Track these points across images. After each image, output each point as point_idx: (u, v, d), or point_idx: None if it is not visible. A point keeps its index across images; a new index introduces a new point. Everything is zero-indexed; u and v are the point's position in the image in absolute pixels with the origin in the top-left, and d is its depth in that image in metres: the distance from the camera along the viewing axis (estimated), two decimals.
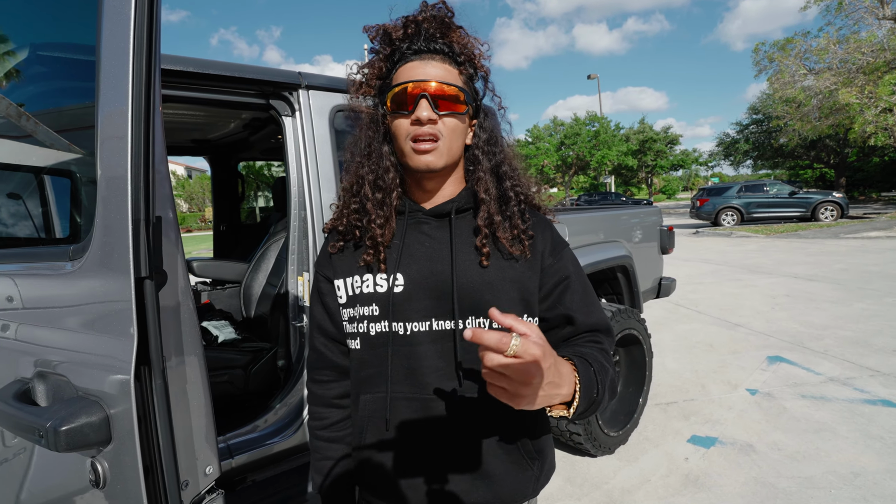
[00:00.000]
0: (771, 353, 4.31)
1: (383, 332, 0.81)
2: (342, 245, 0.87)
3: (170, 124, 2.59)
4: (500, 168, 0.89)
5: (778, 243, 11.85)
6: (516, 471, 0.84)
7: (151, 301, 0.57)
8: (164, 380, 0.60)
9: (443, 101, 0.79)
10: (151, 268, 0.57)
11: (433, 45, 0.80)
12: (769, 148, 31.20)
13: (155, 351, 0.58)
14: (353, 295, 0.85)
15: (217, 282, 2.97)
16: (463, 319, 0.80)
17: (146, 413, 0.59)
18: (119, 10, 0.57)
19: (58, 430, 0.57)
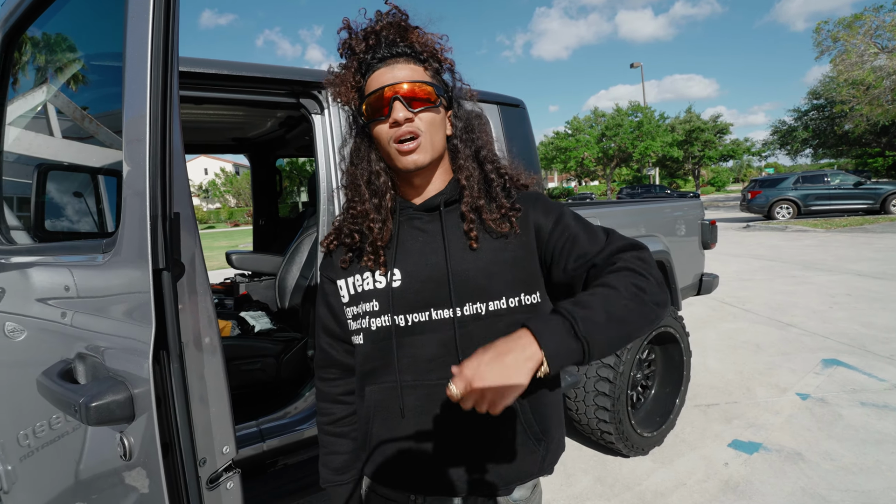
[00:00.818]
0: (827, 355, 4.03)
1: (385, 325, 0.84)
2: (343, 247, 0.90)
3: (212, 124, 2.72)
4: (480, 153, 0.91)
5: (840, 238, 10.99)
6: (522, 452, 0.85)
7: (168, 290, 0.62)
8: (181, 364, 0.65)
9: (415, 99, 0.81)
10: (169, 260, 0.62)
11: (395, 50, 0.83)
12: (832, 135, 28.86)
13: (172, 337, 0.63)
14: (355, 293, 0.88)
15: (255, 274, 3.12)
16: (460, 307, 0.82)
17: (165, 394, 0.64)
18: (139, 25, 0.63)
19: (88, 405, 0.63)
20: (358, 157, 0.89)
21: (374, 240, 0.85)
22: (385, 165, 0.87)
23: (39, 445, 1.12)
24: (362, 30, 0.85)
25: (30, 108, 1.31)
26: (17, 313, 1.12)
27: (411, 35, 0.85)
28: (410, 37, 0.85)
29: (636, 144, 32.99)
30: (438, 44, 0.87)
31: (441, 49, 0.87)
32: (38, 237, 1.28)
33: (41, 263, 1.06)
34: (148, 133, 0.60)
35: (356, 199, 0.88)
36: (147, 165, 0.61)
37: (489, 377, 0.61)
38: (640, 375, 2.85)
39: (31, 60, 1.28)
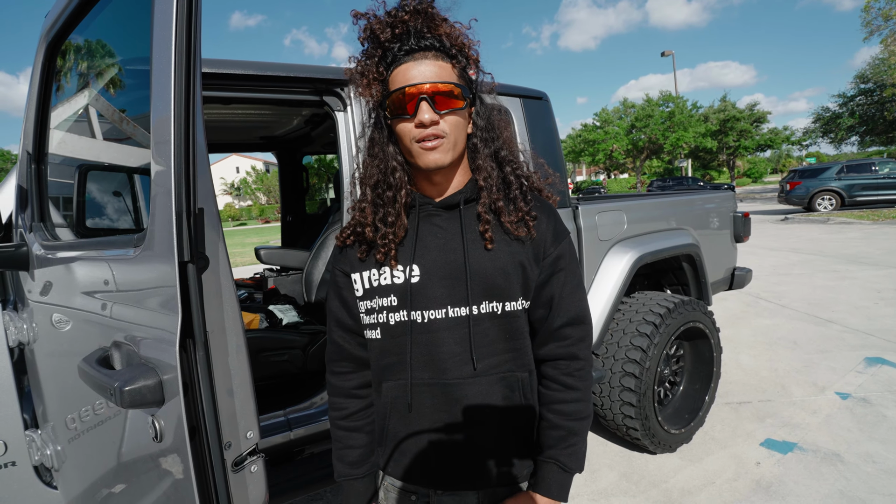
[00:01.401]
0: (871, 353, 3.82)
1: (403, 321, 0.85)
2: (357, 241, 0.91)
3: (240, 123, 2.81)
4: (500, 153, 0.90)
5: (888, 230, 10.36)
6: (529, 451, 0.88)
7: (194, 282, 0.66)
8: (206, 351, 0.69)
9: (441, 99, 0.80)
10: (193, 253, 0.65)
11: (423, 43, 0.81)
12: (881, 121, 27.07)
13: (197, 326, 0.67)
14: (371, 287, 0.88)
15: (283, 269, 3.22)
16: (477, 305, 0.83)
17: (192, 380, 0.68)
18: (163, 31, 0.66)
19: (122, 389, 0.68)
20: (375, 150, 0.89)
21: (387, 234, 0.86)
22: (403, 160, 0.87)
23: (85, 429, 1.20)
24: (388, 15, 0.82)
25: (72, 112, 1.39)
26: (62, 305, 1.20)
27: (441, 28, 0.82)
28: (440, 29, 0.82)
29: (667, 136, 31.94)
30: (466, 37, 0.85)
31: (469, 44, 0.85)
32: (79, 234, 1.37)
33: (81, 258, 1.13)
34: (173, 133, 0.64)
35: (371, 193, 0.89)
36: (172, 164, 0.64)
37: None
38: (667, 371, 2.79)
39: (72, 67, 1.36)
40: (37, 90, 1.32)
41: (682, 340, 2.83)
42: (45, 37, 1.25)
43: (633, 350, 2.44)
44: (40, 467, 1.43)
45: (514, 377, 0.85)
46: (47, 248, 1.26)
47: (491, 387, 0.84)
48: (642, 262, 2.55)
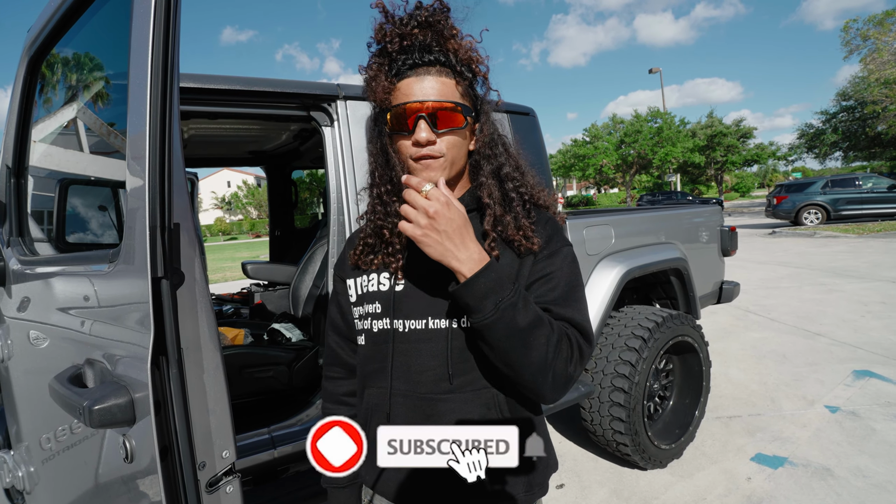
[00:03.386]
0: (858, 366, 3.85)
1: (385, 329, 0.85)
2: (362, 247, 0.91)
3: (229, 138, 2.81)
4: (502, 170, 0.90)
5: (873, 244, 10.54)
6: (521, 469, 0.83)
7: (167, 298, 0.65)
8: (179, 369, 0.68)
9: (442, 117, 0.79)
10: (167, 269, 0.65)
11: (427, 57, 0.81)
12: (863, 137, 27.79)
13: (171, 342, 0.66)
14: (363, 293, 0.89)
15: (270, 283, 3.19)
16: (457, 318, 0.82)
17: (164, 398, 0.67)
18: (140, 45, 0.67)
19: (91, 408, 0.66)
20: (380, 160, 0.89)
21: (389, 242, 0.86)
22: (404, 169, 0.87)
23: (60, 449, 1.16)
24: (399, 24, 0.81)
25: (54, 126, 1.39)
26: (38, 321, 1.18)
27: (449, 42, 0.81)
28: (448, 43, 0.81)
29: (656, 151, 32.48)
30: (476, 52, 0.84)
31: (478, 59, 0.84)
32: (59, 248, 1.35)
33: (57, 274, 1.12)
34: (147, 147, 0.64)
35: (377, 201, 0.89)
36: (147, 178, 0.64)
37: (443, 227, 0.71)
38: (657, 386, 2.78)
39: (55, 81, 1.35)
40: (18, 104, 1.32)
41: (672, 355, 2.83)
42: (28, 50, 1.25)
43: (621, 364, 2.43)
44: (11, 490, 1.38)
45: (491, 394, 0.83)
46: (24, 263, 1.24)
47: (466, 404, 0.82)
48: (630, 276, 2.56)
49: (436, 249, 0.72)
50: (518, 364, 0.75)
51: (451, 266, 0.73)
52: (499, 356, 0.76)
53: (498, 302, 0.72)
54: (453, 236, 0.72)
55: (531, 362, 0.74)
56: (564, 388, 0.79)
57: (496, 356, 0.76)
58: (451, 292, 0.75)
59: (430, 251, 0.73)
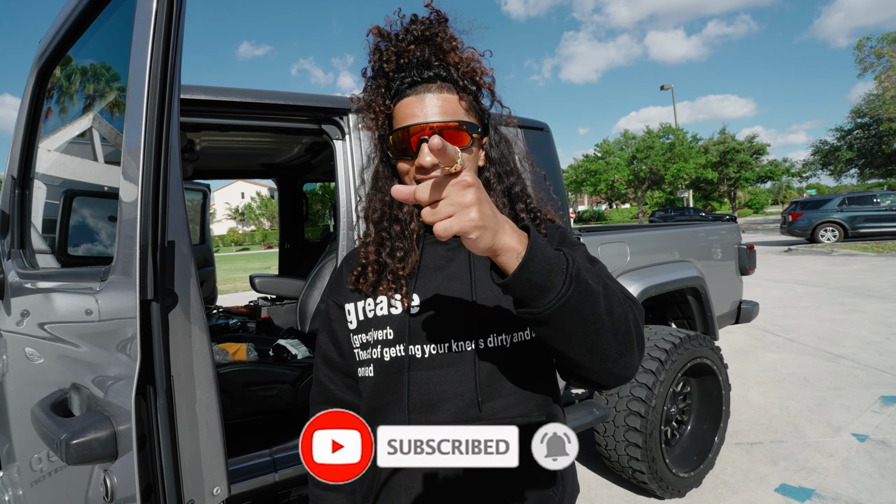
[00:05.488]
0: (886, 392, 3.68)
1: (399, 356, 0.77)
2: (362, 269, 0.84)
3: (241, 150, 2.82)
4: (513, 189, 0.85)
5: (894, 263, 10.26)
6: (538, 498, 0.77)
7: (157, 322, 0.60)
8: (167, 400, 0.62)
9: (446, 138, 0.72)
10: (159, 290, 0.60)
11: (427, 73, 0.76)
12: (879, 154, 27.38)
13: (159, 370, 0.60)
14: (366, 319, 0.82)
15: (277, 297, 3.15)
16: (484, 338, 0.75)
17: (150, 431, 0.61)
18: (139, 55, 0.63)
19: (69, 443, 0.61)
20: (380, 184, 0.83)
21: (396, 269, 0.79)
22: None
23: (50, 471, 1.11)
24: (395, 43, 0.76)
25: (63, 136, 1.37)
26: (33, 336, 1.14)
27: (449, 56, 0.76)
28: (448, 57, 0.76)
29: (668, 167, 32.31)
30: (479, 63, 0.79)
31: (481, 71, 0.79)
32: (60, 261, 1.32)
33: (52, 290, 1.08)
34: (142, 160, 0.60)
35: (374, 229, 0.83)
36: (140, 194, 0.60)
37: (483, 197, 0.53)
38: (674, 410, 2.67)
39: (63, 91, 1.35)
40: (26, 114, 1.31)
41: (689, 377, 2.72)
42: (38, 61, 1.24)
43: (637, 387, 2.34)
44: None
45: (527, 423, 0.75)
46: (23, 276, 1.22)
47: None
48: (647, 294, 2.48)
49: (490, 231, 0.53)
50: (605, 338, 0.60)
51: (502, 245, 0.54)
52: (581, 340, 0.59)
53: (565, 269, 0.56)
54: (493, 207, 0.55)
55: (617, 328, 0.61)
56: (644, 347, 0.67)
57: (578, 342, 0.59)
58: (504, 284, 0.56)
59: (484, 238, 0.52)
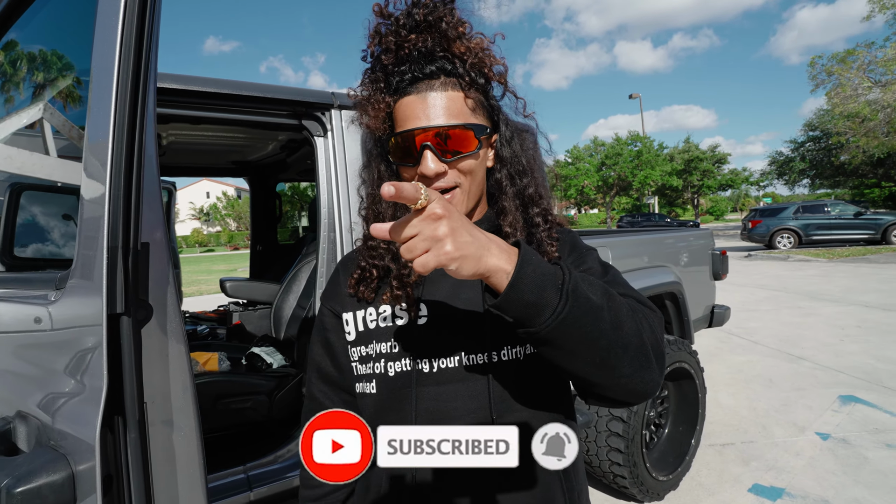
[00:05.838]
0: (843, 391, 3.86)
1: (405, 371, 0.70)
2: (360, 275, 0.77)
3: (211, 146, 2.67)
4: (526, 191, 0.78)
5: (843, 268, 10.89)
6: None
7: (128, 340, 0.50)
8: (140, 432, 0.52)
9: (452, 142, 0.68)
10: (130, 302, 0.50)
11: (429, 68, 0.68)
12: (829, 166, 29.21)
13: (130, 397, 0.50)
14: (366, 330, 0.75)
15: (249, 302, 3.00)
16: (497, 350, 0.69)
17: (118, 471, 0.51)
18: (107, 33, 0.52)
19: (11, 491, 0.49)
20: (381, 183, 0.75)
21: (402, 275, 0.72)
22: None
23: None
24: (394, 31, 0.69)
25: (9, 126, 1.23)
26: None
27: (455, 45, 0.69)
28: (454, 47, 0.69)
29: (636, 173, 33.32)
30: (489, 51, 0.71)
31: (491, 60, 0.71)
32: (6, 264, 1.17)
33: None
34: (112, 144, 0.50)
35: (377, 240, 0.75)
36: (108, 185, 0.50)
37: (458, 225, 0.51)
38: (653, 413, 2.69)
39: (7, 77, 1.21)
40: None
41: (667, 381, 2.75)
42: None
43: None
44: None
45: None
46: None
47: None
48: None
49: (471, 258, 0.51)
50: (614, 354, 0.57)
51: (488, 268, 0.52)
52: (588, 357, 0.57)
53: (560, 286, 0.54)
54: (472, 231, 0.53)
55: (627, 344, 0.57)
56: (664, 363, 0.63)
57: (584, 360, 0.57)
58: (495, 305, 0.54)
59: (465, 266, 0.51)
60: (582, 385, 0.63)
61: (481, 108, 0.72)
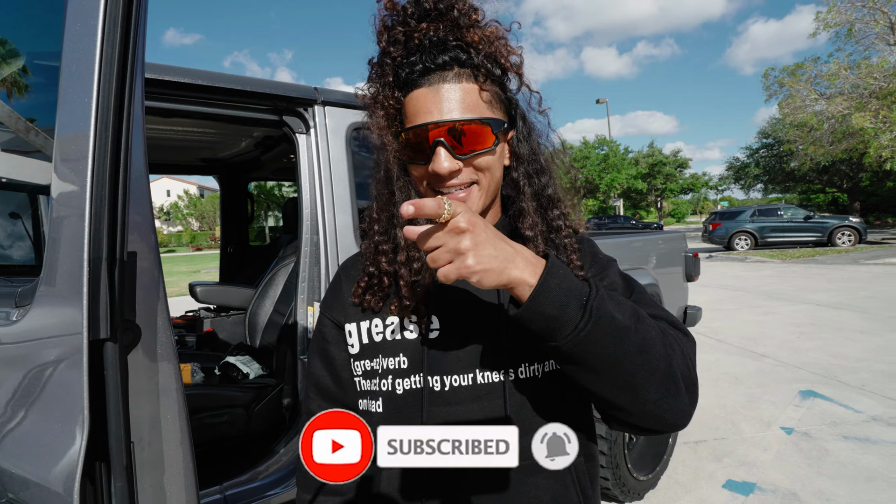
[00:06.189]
0: (803, 386, 4.06)
1: (414, 389, 0.65)
2: (366, 285, 0.71)
3: (179, 142, 2.50)
4: (545, 192, 0.73)
5: (795, 269, 11.53)
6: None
7: (113, 370, 0.41)
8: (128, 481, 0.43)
9: (467, 137, 0.63)
10: (116, 324, 0.42)
11: (442, 58, 0.63)
12: (780, 172, 31.02)
13: (116, 441, 0.41)
14: (371, 343, 0.69)
15: (220, 308, 2.83)
16: (515, 368, 0.65)
17: None
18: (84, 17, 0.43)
19: None
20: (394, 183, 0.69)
21: (412, 282, 0.66)
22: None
23: None
24: (401, 21, 0.64)
25: None
26: None
27: (468, 33, 0.64)
28: (467, 35, 0.64)
29: (603, 176, 34.28)
30: (504, 40, 0.67)
31: (507, 50, 0.67)
32: None
33: None
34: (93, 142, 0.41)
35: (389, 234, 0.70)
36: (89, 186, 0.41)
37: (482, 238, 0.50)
38: None
39: None
40: None
41: None
42: None
43: None
44: None
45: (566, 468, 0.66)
46: None
47: (531, 476, 0.64)
48: None
49: (493, 272, 0.50)
50: (640, 378, 0.54)
51: (511, 280, 0.51)
52: (611, 378, 0.55)
53: (584, 301, 0.52)
54: (497, 242, 0.51)
55: (654, 368, 0.55)
56: (696, 393, 0.60)
57: (607, 381, 0.55)
58: (516, 316, 0.53)
59: (487, 279, 0.50)
60: (605, 407, 0.61)
61: (497, 102, 0.68)
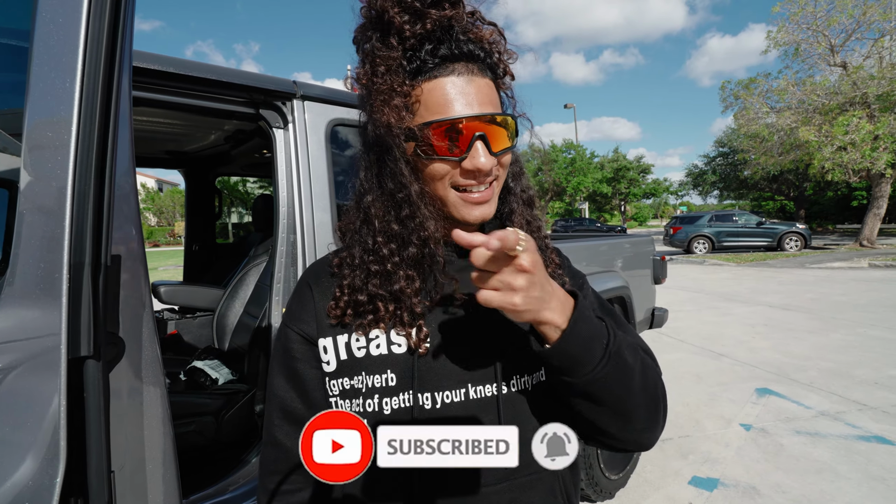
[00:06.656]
0: (758, 384, 4.28)
1: (403, 407, 0.61)
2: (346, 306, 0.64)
3: (142, 133, 2.35)
4: (528, 192, 0.73)
5: (749, 272, 12.17)
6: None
7: (94, 391, 0.35)
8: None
9: (495, 136, 0.60)
10: (99, 340, 0.36)
11: (465, 48, 0.59)
12: (734, 179, 32.78)
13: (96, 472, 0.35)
14: (351, 359, 0.63)
15: (185, 309, 2.68)
16: (507, 381, 0.63)
17: None
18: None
19: None
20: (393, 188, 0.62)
21: (413, 304, 0.62)
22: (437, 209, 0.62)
23: None
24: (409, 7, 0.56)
25: None
26: None
27: (479, 30, 0.61)
28: (479, 31, 0.61)
29: (569, 180, 35.10)
30: (506, 42, 0.64)
31: (509, 54, 0.65)
32: None
33: None
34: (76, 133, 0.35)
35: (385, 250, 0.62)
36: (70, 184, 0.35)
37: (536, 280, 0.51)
38: None
39: None
40: None
41: None
42: None
43: None
44: None
45: (555, 476, 0.65)
46: None
47: (525, 491, 0.62)
48: None
49: (531, 312, 0.52)
50: (632, 411, 0.59)
51: (542, 320, 0.53)
52: (611, 411, 0.58)
53: (606, 345, 0.55)
54: (545, 285, 0.53)
55: (648, 403, 0.60)
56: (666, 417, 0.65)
57: (607, 413, 0.58)
58: (541, 353, 0.55)
59: (523, 317, 0.52)
60: (592, 432, 0.63)
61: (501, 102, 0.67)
